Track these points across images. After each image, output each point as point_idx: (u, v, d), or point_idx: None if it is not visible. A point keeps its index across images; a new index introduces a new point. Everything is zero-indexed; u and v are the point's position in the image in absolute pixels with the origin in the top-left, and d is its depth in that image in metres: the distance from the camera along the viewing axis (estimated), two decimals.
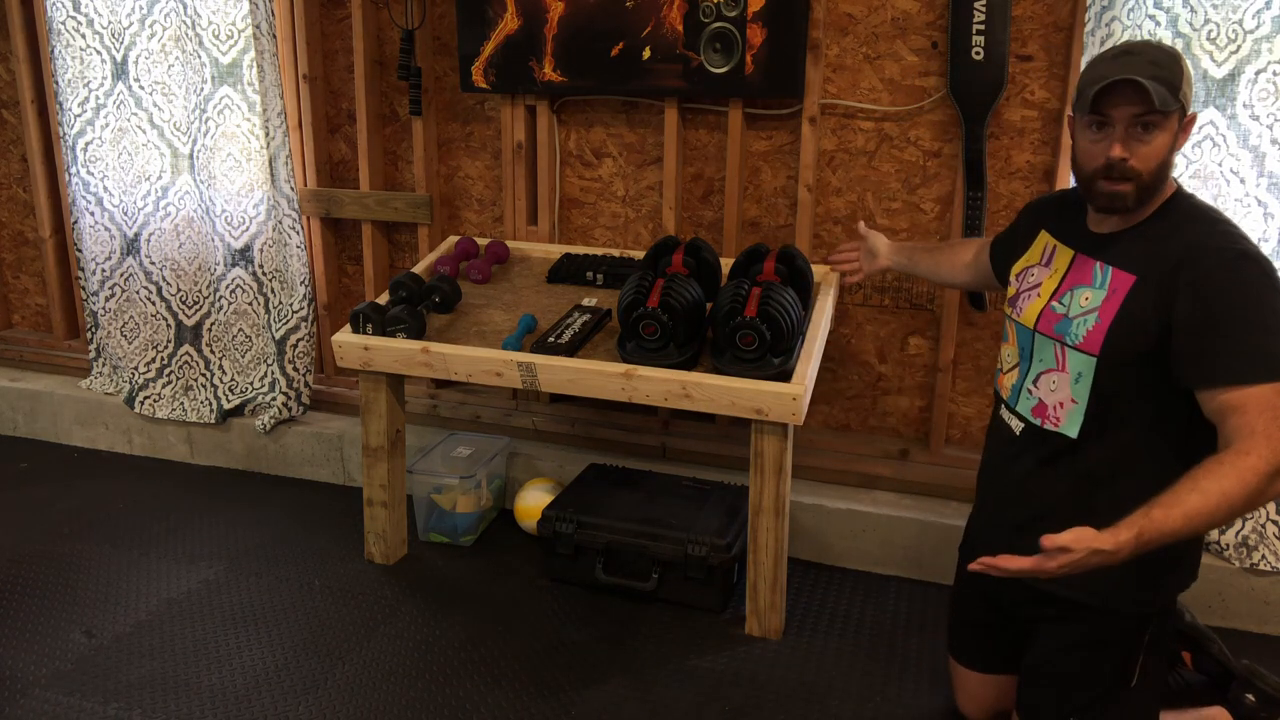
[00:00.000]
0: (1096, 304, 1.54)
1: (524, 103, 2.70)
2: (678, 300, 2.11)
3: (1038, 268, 1.69)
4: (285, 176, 2.85)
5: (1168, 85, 1.45)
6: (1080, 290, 1.57)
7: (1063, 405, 1.59)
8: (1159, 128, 1.47)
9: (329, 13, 2.86)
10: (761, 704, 2.02)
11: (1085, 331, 1.54)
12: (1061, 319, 1.59)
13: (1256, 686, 1.90)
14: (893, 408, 2.64)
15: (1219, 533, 2.28)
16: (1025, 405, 1.67)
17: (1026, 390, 1.67)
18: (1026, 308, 1.67)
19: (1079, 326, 1.55)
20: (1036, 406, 1.64)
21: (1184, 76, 1.47)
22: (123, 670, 2.11)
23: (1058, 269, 1.64)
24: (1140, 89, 1.43)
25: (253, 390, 3.13)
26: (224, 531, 2.72)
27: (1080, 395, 1.56)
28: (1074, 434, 1.58)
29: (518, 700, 2.02)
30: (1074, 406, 1.58)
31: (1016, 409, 1.69)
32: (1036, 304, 1.65)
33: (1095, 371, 1.53)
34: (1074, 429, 1.58)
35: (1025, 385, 1.67)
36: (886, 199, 2.49)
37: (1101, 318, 1.52)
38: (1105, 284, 1.54)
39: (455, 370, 2.27)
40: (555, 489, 2.68)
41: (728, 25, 2.41)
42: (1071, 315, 1.57)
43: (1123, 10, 2.11)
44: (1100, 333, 1.52)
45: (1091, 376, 1.54)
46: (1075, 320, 1.56)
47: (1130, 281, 1.50)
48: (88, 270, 3.16)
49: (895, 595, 2.43)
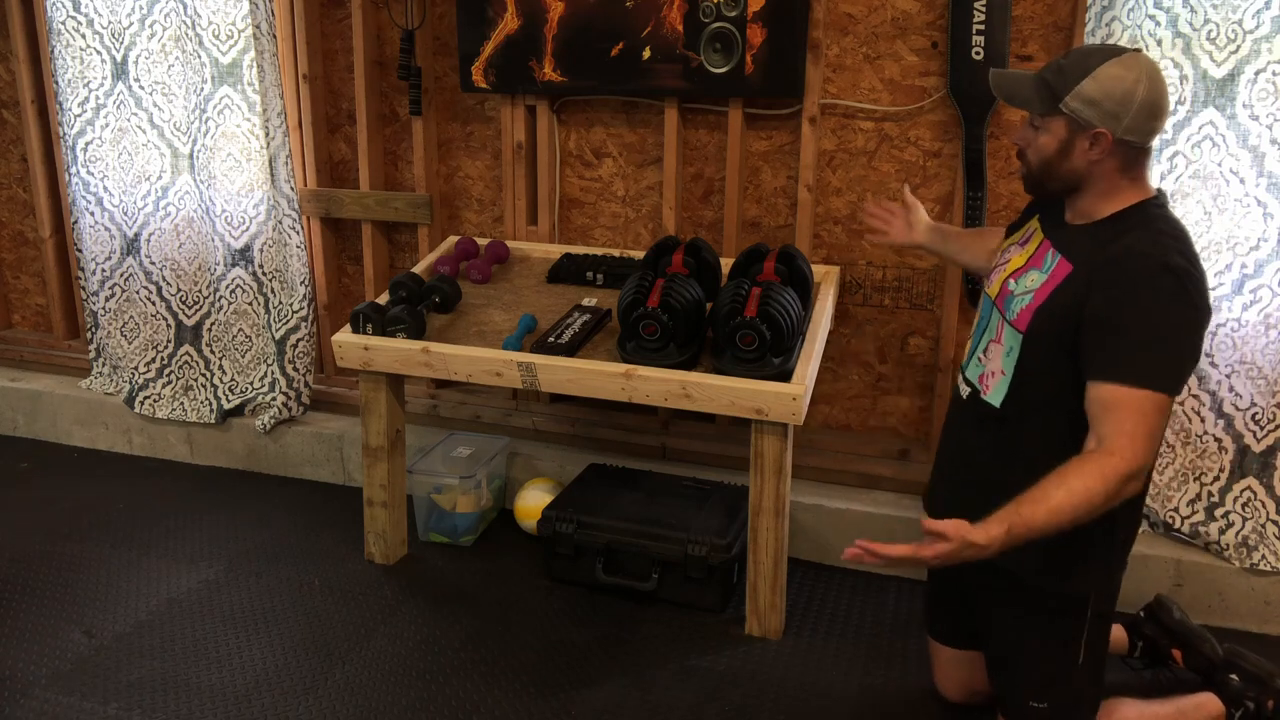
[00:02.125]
0: (1035, 286, 1.63)
1: (524, 103, 2.70)
2: (678, 300, 2.11)
3: (1016, 246, 1.78)
4: (285, 176, 2.85)
5: (1048, 90, 1.56)
6: (1032, 272, 1.67)
7: (994, 375, 1.70)
8: (1042, 129, 1.60)
9: (329, 13, 2.86)
10: (761, 704, 2.02)
11: (1019, 309, 1.64)
12: (1009, 295, 1.68)
13: (1239, 666, 1.92)
14: (893, 408, 2.64)
15: (1219, 532, 2.28)
16: (974, 371, 1.77)
17: (978, 357, 1.77)
18: (995, 279, 1.76)
19: (1018, 304, 1.65)
20: (982, 374, 1.74)
21: (1081, 92, 1.53)
22: (123, 670, 2.11)
23: (1028, 250, 1.73)
24: None
25: (253, 390, 3.13)
26: (224, 531, 2.72)
27: (1008, 368, 1.66)
28: (997, 404, 1.68)
29: (518, 700, 2.02)
30: (1001, 378, 1.68)
31: (966, 373, 1.79)
32: (1001, 276, 1.75)
33: (1021, 348, 1.63)
34: (998, 399, 1.68)
35: (977, 352, 1.77)
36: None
37: (1035, 298, 1.62)
38: (1049, 269, 1.63)
39: (455, 370, 2.27)
40: (555, 489, 2.68)
41: (728, 25, 2.41)
42: (1016, 293, 1.66)
43: (1123, 10, 2.11)
44: (1029, 312, 1.61)
45: (1018, 352, 1.63)
46: (1017, 297, 1.66)
47: (1067, 271, 1.59)
48: (88, 270, 3.16)
49: (895, 595, 2.43)
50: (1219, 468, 2.28)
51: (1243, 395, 2.22)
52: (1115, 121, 1.53)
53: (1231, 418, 2.24)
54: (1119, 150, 1.55)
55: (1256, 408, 2.22)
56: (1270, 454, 2.24)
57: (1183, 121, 2.13)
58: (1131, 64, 1.53)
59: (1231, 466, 2.27)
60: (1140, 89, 1.51)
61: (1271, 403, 2.21)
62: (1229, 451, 2.27)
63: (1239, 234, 2.15)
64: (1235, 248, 2.16)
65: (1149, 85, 1.52)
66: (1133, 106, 1.52)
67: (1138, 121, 1.53)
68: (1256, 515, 2.27)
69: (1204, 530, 2.30)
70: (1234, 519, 2.28)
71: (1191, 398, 2.27)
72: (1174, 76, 2.11)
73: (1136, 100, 1.51)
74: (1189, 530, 2.33)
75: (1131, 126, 1.53)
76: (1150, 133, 1.55)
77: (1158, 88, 1.53)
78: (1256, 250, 2.14)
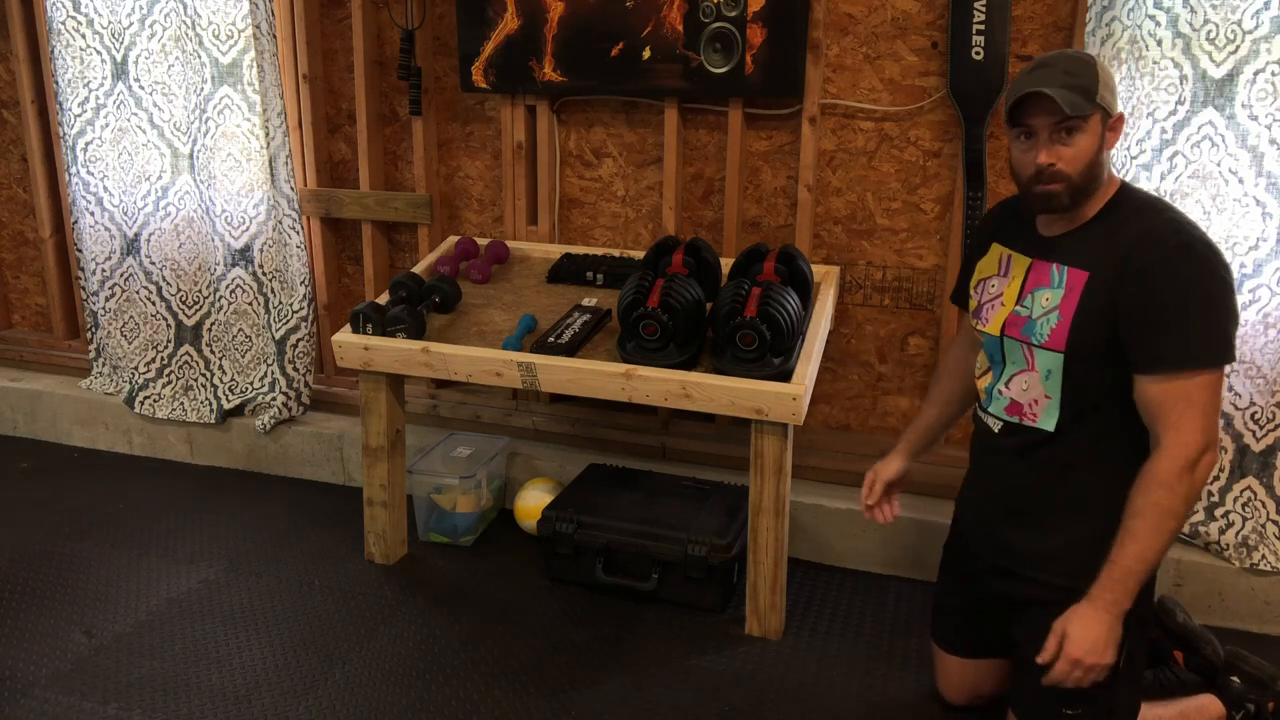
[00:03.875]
0: (1056, 303, 1.61)
1: (524, 103, 2.70)
2: (678, 300, 2.11)
3: (996, 278, 1.75)
4: (285, 176, 2.85)
5: (1081, 91, 1.54)
6: (1040, 292, 1.64)
7: (1038, 402, 1.67)
8: (1080, 130, 1.56)
9: (329, 13, 2.86)
10: (761, 704, 2.02)
11: (1049, 330, 1.61)
12: (1026, 321, 1.65)
13: (1240, 669, 1.92)
14: (893, 408, 2.65)
15: (1219, 532, 2.28)
16: (998, 406, 1.74)
17: (998, 392, 1.74)
18: (992, 317, 1.73)
19: (1043, 326, 1.62)
20: (1009, 406, 1.71)
21: (1100, 80, 1.55)
22: (123, 670, 2.11)
23: (1016, 276, 1.71)
24: (1050, 100, 1.52)
25: (253, 390, 3.13)
26: (224, 531, 2.72)
27: (1053, 391, 1.64)
28: (1051, 428, 1.65)
29: (518, 700, 2.02)
30: (1048, 402, 1.65)
31: (990, 410, 1.76)
32: (1001, 312, 1.71)
33: (1064, 366, 1.61)
34: (1051, 423, 1.65)
35: (997, 387, 1.74)
36: (886, 199, 2.50)
37: (1063, 315, 1.60)
38: (1062, 283, 1.61)
39: (455, 370, 2.27)
40: (555, 489, 2.68)
41: (728, 25, 2.41)
42: (1035, 316, 1.64)
43: (1123, 10, 2.11)
44: (1064, 329, 1.59)
45: (1061, 372, 1.62)
46: (1039, 320, 1.63)
47: (1084, 278, 1.58)
48: (88, 270, 3.16)
49: (895, 595, 2.43)
50: (1219, 467, 2.28)
51: (1242, 395, 2.22)
52: (1118, 102, 1.60)
53: (1231, 417, 2.24)
54: None
55: (1256, 407, 2.22)
56: (1270, 454, 2.24)
57: (1182, 121, 2.13)
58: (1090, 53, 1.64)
59: (1231, 466, 2.27)
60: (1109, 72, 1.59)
61: (1271, 402, 2.21)
62: (1229, 451, 2.27)
63: (1238, 234, 2.15)
64: (1234, 247, 2.16)
65: None
66: (1116, 87, 1.60)
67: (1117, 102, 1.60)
68: (1256, 515, 2.27)
69: (1204, 530, 2.30)
70: (1234, 519, 2.28)
71: None
72: (1174, 76, 2.11)
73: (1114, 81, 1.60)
74: (1189, 530, 2.33)
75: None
76: None
77: None
78: (1255, 250, 2.15)
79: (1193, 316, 1.49)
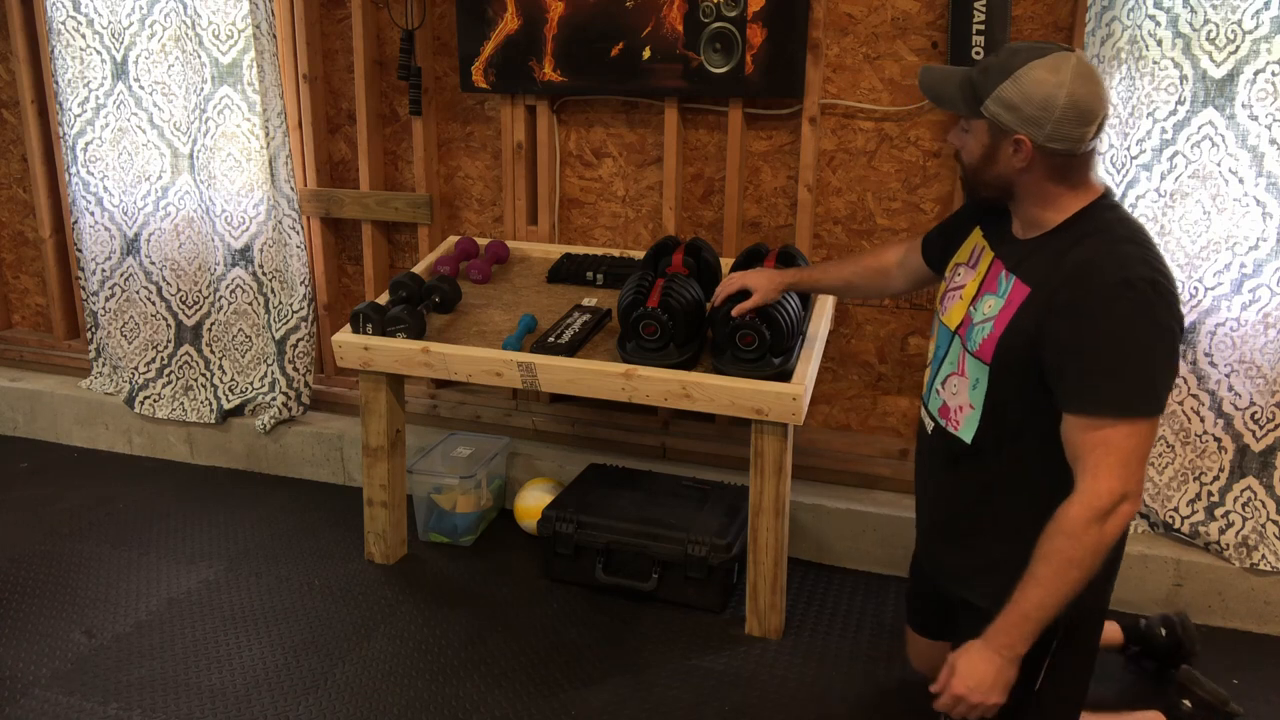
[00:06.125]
0: (995, 312, 1.51)
1: (524, 103, 2.70)
2: (678, 300, 2.11)
3: (965, 268, 1.67)
4: (285, 176, 2.85)
5: (969, 89, 1.45)
6: (988, 298, 1.56)
7: (962, 410, 1.59)
8: (967, 130, 1.50)
9: (329, 13, 2.86)
10: (761, 704, 2.02)
11: (981, 339, 1.52)
12: (970, 324, 1.57)
13: (1193, 692, 1.91)
14: (893, 408, 2.65)
15: (1219, 532, 2.28)
16: (934, 405, 1.67)
17: (935, 389, 1.67)
18: (951, 308, 1.66)
19: (979, 333, 1.53)
20: (942, 408, 1.64)
21: (1001, 95, 1.41)
22: (123, 670, 2.11)
23: (979, 272, 1.62)
24: None
25: (253, 390, 3.13)
26: (224, 531, 2.72)
27: (976, 401, 1.55)
28: (969, 439, 1.57)
29: (518, 700, 2.02)
30: (971, 412, 1.57)
31: (928, 405, 1.70)
32: (960, 306, 1.63)
33: (989, 379, 1.52)
34: (969, 434, 1.57)
35: (935, 384, 1.67)
36: (886, 199, 2.50)
37: (996, 326, 1.50)
38: (1005, 293, 1.51)
39: (455, 370, 2.27)
40: (555, 489, 2.68)
41: (728, 25, 2.41)
42: (975, 321, 1.55)
43: (1123, 10, 2.11)
44: (993, 342, 1.50)
45: (986, 384, 1.53)
46: (978, 326, 1.54)
47: (1025, 293, 1.47)
48: (88, 270, 3.16)
49: (895, 595, 2.43)
50: (1219, 467, 2.28)
51: (1242, 395, 2.22)
52: (1037, 128, 1.40)
53: (1231, 417, 2.24)
54: (1044, 159, 1.42)
55: (1256, 407, 2.22)
56: (1270, 453, 2.24)
57: (1182, 121, 2.13)
58: (1058, 65, 1.38)
59: (1231, 466, 2.27)
60: (1062, 94, 1.37)
61: (1271, 402, 2.21)
62: (1229, 451, 2.27)
63: (1238, 233, 2.15)
64: (1234, 247, 2.16)
65: (1075, 89, 1.38)
66: (1055, 112, 1.38)
67: (1062, 129, 1.39)
68: (1256, 515, 2.27)
69: (1204, 530, 2.30)
70: (1234, 519, 2.28)
71: (1190, 397, 2.27)
72: (1174, 76, 2.11)
73: (1059, 105, 1.38)
74: (1189, 530, 2.33)
75: (1055, 134, 1.39)
76: (1079, 140, 1.40)
77: (1088, 90, 1.39)
78: (1255, 250, 2.15)
79: (1118, 361, 1.36)
